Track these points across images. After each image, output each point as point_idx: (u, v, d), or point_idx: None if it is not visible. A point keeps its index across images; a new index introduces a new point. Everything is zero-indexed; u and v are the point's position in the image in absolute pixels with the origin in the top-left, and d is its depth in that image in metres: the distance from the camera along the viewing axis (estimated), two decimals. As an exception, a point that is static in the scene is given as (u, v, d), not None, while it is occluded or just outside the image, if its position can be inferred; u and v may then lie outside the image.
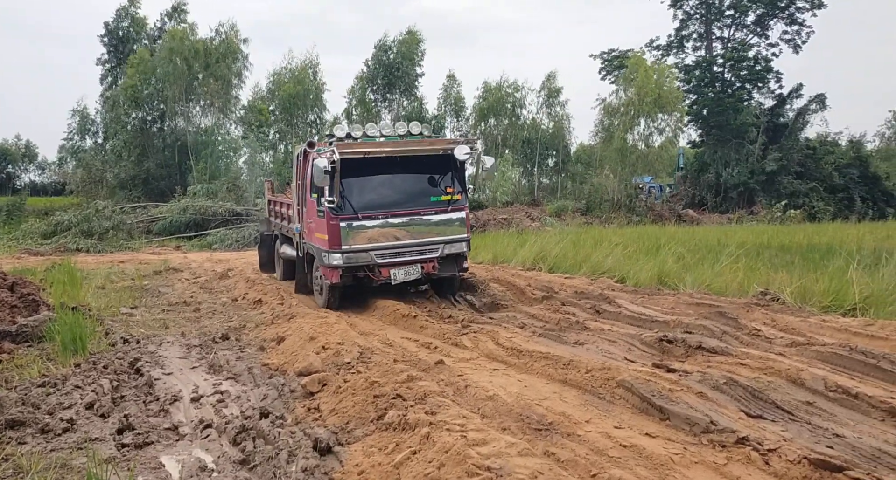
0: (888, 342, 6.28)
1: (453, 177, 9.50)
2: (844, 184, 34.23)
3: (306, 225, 9.94)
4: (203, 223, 23.75)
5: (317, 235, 9.34)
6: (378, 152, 8.98)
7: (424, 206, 9.26)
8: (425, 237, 9.21)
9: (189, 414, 5.26)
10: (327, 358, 6.37)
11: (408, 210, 9.15)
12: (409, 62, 36.68)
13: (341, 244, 8.84)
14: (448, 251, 9.33)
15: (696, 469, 3.85)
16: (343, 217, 8.86)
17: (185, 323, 9.08)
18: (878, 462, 3.84)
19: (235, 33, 32.99)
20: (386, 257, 9.05)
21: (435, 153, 9.36)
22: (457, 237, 9.39)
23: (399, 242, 9.07)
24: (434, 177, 9.45)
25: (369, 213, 8.97)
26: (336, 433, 4.56)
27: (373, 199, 9.07)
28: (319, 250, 9.18)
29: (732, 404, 4.90)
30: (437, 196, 9.35)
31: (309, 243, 9.85)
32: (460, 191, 9.49)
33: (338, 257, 8.85)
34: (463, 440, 3.93)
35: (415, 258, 9.17)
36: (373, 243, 8.95)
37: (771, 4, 38.95)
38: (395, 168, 9.21)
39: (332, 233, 8.83)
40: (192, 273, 14.79)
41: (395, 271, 9.06)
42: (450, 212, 9.35)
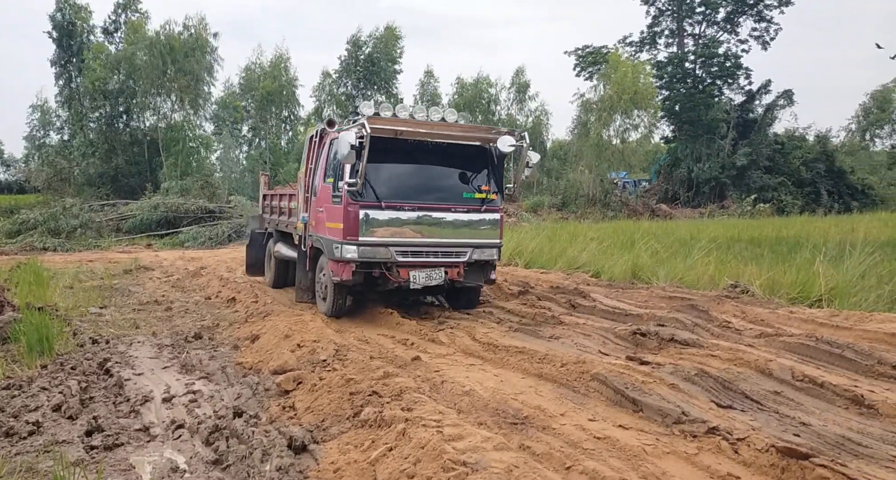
0: (852, 332, 6.46)
1: (489, 173, 8.39)
2: (811, 178, 35.07)
3: (315, 214, 8.73)
4: (175, 221, 23.37)
5: (328, 225, 8.15)
6: (413, 133, 7.80)
7: (456, 203, 8.09)
8: (453, 238, 8.07)
9: (160, 415, 5.17)
10: (302, 355, 6.32)
11: (437, 204, 7.99)
12: (388, 58, 36.49)
13: (358, 234, 7.68)
14: (477, 257, 8.18)
15: (668, 460, 3.92)
16: (363, 204, 7.68)
17: (156, 322, 8.92)
18: (841, 449, 3.95)
19: (204, 27, 32.40)
20: (407, 256, 7.88)
21: (472, 144, 8.29)
22: (488, 242, 8.25)
23: (424, 240, 7.92)
24: (468, 172, 8.34)
25: (393, 203, 7.78)
26: (311, 431, 4.52)
27: (399, 188, 7.91)
28: (330, 241, 7.99)
29: (703, 395, 4.98)
30: (471, 193, 8.20)
31: (317, 235, 8.59)
32: (495, 190, 8.33)
33: (352, 249, 7.69)
34: (439, 435, 3.93)
35: (439, 260, 8.02)
36: (394, 237, 7.81)
37: (740, 2, 39.64)
38: (426, 155, 8.08)
39: (349, 222, 7.68)
40: (164, 271, 14.53)
41: (416, 273, 7.91)
42: (483, 213, 8.20)
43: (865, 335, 6.30)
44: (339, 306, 8.28)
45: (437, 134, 7.89)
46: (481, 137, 8.24)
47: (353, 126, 7.53)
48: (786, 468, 3.65)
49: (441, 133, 7.89)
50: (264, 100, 34.16)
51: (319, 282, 8.69)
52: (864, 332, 6.38)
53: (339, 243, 7.77)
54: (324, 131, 8.67)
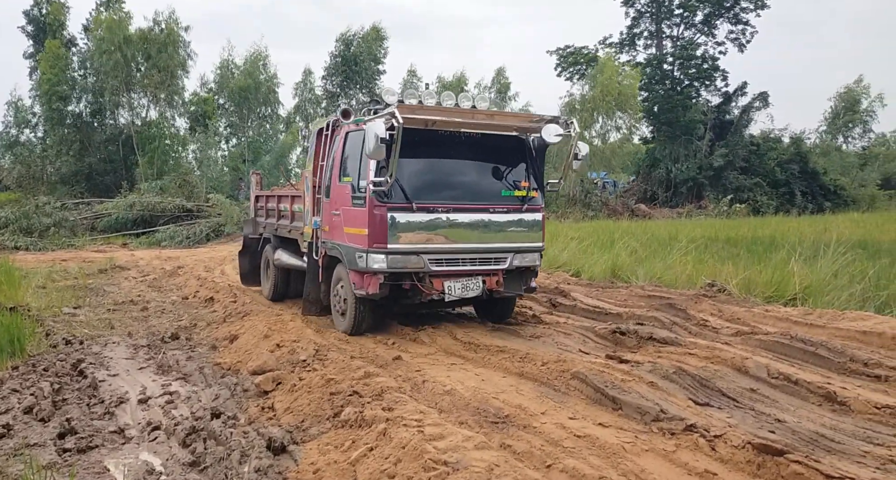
0: (825, 330, 6.59)
1: (529, 167, 7.49)
2: (786, 179, 35.73)
3: (329, 218, 7.65)
4: (151, 219, 23.04)
5: (347, 231, 7.14)
6: (446, 123, 6.90)
7: (494, 202, 7.17)
8: (492, 242, 7.13)
9: (136, 416, 5.08)
10: (282, 356, 6.26)
11: (474, 204, 7.07)
12: (372, 58, 36.29)
13: (387, 241, 6.69)
14: (518, 263, 7.26)
15: (647, 457, 3.95)
16: (391, 205, 6.70)
17: (132, 322, 8.78)
18: (815, 445, 4.03)
19: (175, 21, 31.89)
20: (441, 264, 6.92)
21: (509, 134, 7.44)
22: (530, 245, 7.34)
23: (460, 246, 6.98)
24: (506, 166, 7.41)
25: (426, 204, 6.82)
26: (291, 432, 4.48)
27: (431, 186, 7.00)
28: (352, 250, 6.97)
29: (681, 392, 5.04)
30: (510, 190, 7.28)
31: (332, 242, 7.54)
32: (535, 187, 7.46)
33: (380, 259, 6.69)
34: (420, 435, 3.92)
35: (477, 268, 7.09)
36: (426, 244, 6.85)
37: (717, 4, 40.23)
38: (459, 149, 7.20)
39: (375, 227, 6.71)
40: (140, 271, 14.31)
41: (452, 284, 6.96)
42: (524, 213, 7.28)
43: (838, 333, 6.43)
44: (361, 323, 7.24)
45: (473, 123, 6.98)
46: (522, 127, 7.33)
47: (381, 116, 6.47)
48: (761, 464, 3.71)
49: (478, 122, 6.97)
50: (239, 97, 33.75)
51: (336, 296, 7.57)
52: (837, 330, 6.52)
53: (364, 252, 6.78)
54: (336, 123, 7.68)
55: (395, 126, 6.25)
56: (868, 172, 40.24)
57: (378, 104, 7.05)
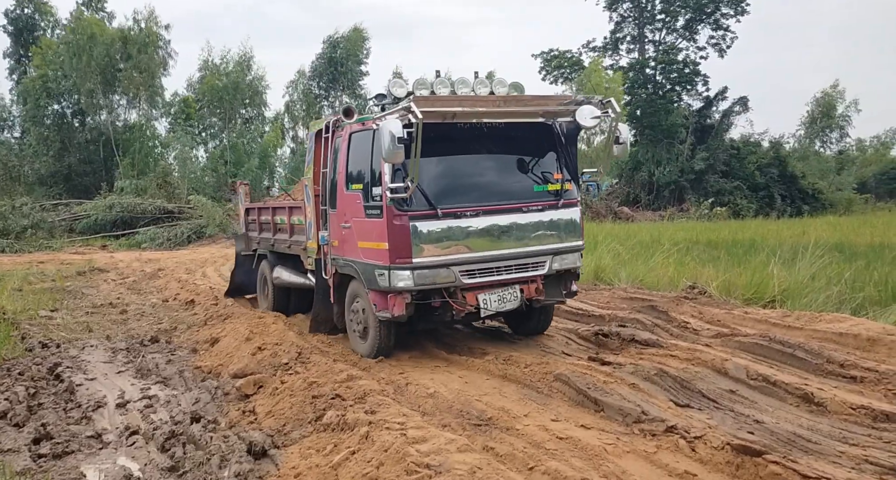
0: (803, 331, 6.68)
1: (560, 156, 6.63)
2: (765, 182, 36.23)
3: (338, 232, 6.75)
4: (132, 221, 22.75)
5: (362, 245, 6.29)
6: (468, 115, 5.97)
7: (527, 199, 6.35)
8: (528, 245, 6.31)
9: (114, 421, 5.01)
10: (264, 359, 6.22)
11: (505, 204, 6.24)
12: (354, 59, 36.21)
13: (411, 255, 5.85)
14: (557, 266, 6.44)
15: (628, 458, 3.98)
16: (414, 213, 5.87)
17: (110, 325, 8.65)
18: (793, 446, 4.09)
19: (155, 20, 31.56)
20: (475, 275, 6.10)
21: (534, 121, 6.54)
22: (569, 245, 6.51)
23: (493, 253, 6.15)
24: (535, 158, 6.60)
25: (452, 208, 5.99)
26: (272, 435, 4.45)
27: (455, 187, 6.20)
28: (370, 267, 6.11)
29: (662, 394, 5.09)
30: (543, 184, 6.48)
31: (344, 259, 6.65)
32: (569, 178, 6.63)
33: (405, 276, 5.86)
34: (402, 438, 3.91)
35: (513, 276, 6.26)
36: (457, 254, 6.02)
37: (698, 10, 40.74)
38: (482, 142, 6.39)
39: (397, 239, 5.84)
40: (119, 273, 14.12)
41: (487, 296, 6.16)
42: (561, 209, 6.47)
43: (815, 334, 6.53)
44: (385, 346, 6.39)
45: (498, 113, 6.13)
46: (551, 111, 6.41)
47: (394, 111, 5.71)
48: (740, 465, 3.75)
49: (503, 111, 6.10)
50: (220, 98, 33.43)
51: (354, 316, 6.71)
52: (815, 332, 6.61)
53: (385, 269, 5.92)
54: (337, 124, 6.88)
55: (412, 122, 5.43)
56: (844, 176, 40.95)
57: (384, 99, 6.44)
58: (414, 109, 5.41)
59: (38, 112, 30.68)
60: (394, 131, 5.34)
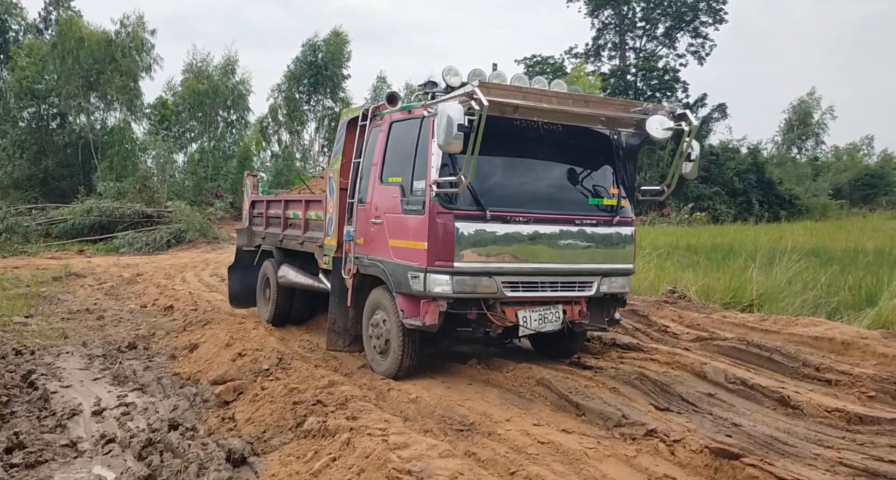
0: (780, 335, 6.79)
1: (617, 169, 6.12)
2: (743, 188, 36.81)
3: (365, 228, 6.22)
4: (110, 225, 22.40)
5: (394, 244, 5.75)
6: (531, 111, 5.38)
7: (582, 212, 5.80)
8: (578, 262, 5.75)
9: (90, 429, 4.92)
10: (244, 365, 6.15)
11: (559, 214, 5.68)
12: (336, 63, 36.15)
13: (453, 258, 5.28)
14: (605, 288, 5.87)
15: (609, 462, 4.01)
16: (460, 213, 5.31)
17: (87, 331, 8.51)
18: (769, 449, 4.15)
19: (142, 25, 31.30)
20: (518, 288, 5.54)
21: (594, 129, 6.04)
22: (620, 267, 5.96)
23: (540, 266, 5.60)
24: (591, 168, 6.07)
25: (502, 212, 5.44)
26: (251, 443, 4.40)
27: (508, 190, 5.65)
28: (402, 268, 5.56)
29: (643, 398, 5.13)
30: (599, 198, 5.97)
31: (370, 258, 6.08)
32: (624, 195, 6.10)
33: (444, 280, 5.28)
34: (384, 444, 3.90)
35: (558, 294, 5.71)
36: (502, 263, 5.45)
37: (678, 18, 41.40)
38: (539, 144, 5.85)
39: (438, 239, 5.29)
40: (97, 278, 13.90)
41: (528, 313, 5.58)
42: (615, 226, 5.91)
43: (791, 338, 6.64)
44: (408, 363, 5.80)
45: (564, 112, 5.51)
46: (615, 118, 5.82)
47: (455, 95, 5.12)
48: (718, 468, 3.80)
49: (571, 111, 5.48)
50: (201, 102, 33.17)
51: (373, 329, 6.07)
52: (791, 336, 6.73)
53: (421, 271, 5.35)
54: (376, 112, 6.38)
55: (474, 110, 4.85)
56: (820, 182, 41.78)
57: (435, 87, 5.96)
58: (478, 95, 4.82)
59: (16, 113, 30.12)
60: (454, 116, 4.80)
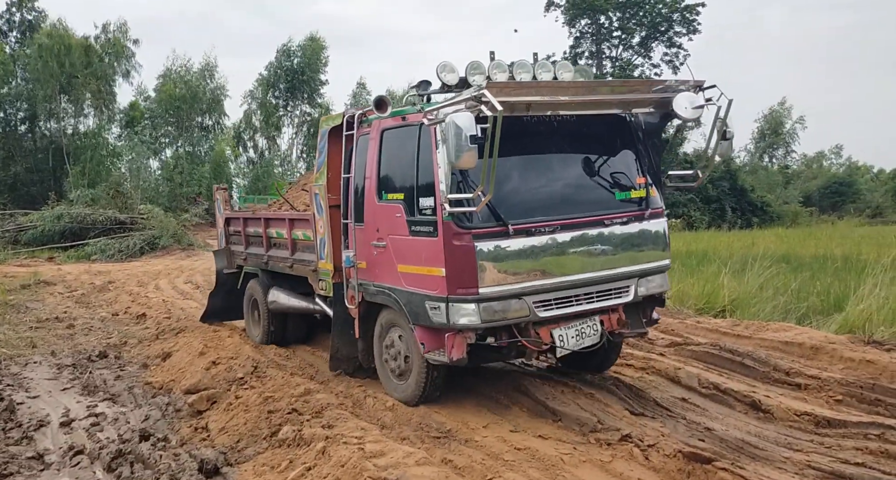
0: (751, 340, 6.91)
1: (641, 155, 5.49)
2: (717, 195, 37.46)
3: (367, 252, 5.50)
4: (81, 232, 21.91)
5: (405, 269, 5.08)
6: (545, 105, 4.74)
7: (610, 210, 5.18)
8: (612, 266, 5.09)
9: (57, 441, 4.81)
10: (218, 373, 6.08)
11: (586, 217, 5.04)
12: (313, 69, 36.06)
13: (476, 284, 4.63)
14: (644, 290, 5.27)
15: (584, 468, 4.04)
16: (480, 231, 4.65)
17: (56, 340, 8.32)
18: (741, 452, 4.22)
19: (124, 33, 31.06)
20: (551, 306, 4.89)
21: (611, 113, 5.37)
22: (656, 265, 5.35)
23: (571, 277, 4.93)
24: (612, 157, 5.43)
25: (526, 224, 4.78)
26: (225, 453, 4.35)
27: (528, 198, 5.03)
28: (418, 298, 4.93)
29: (618, 403, 5.18)
30: (626, 191, 5.33)
31: (375, 285, 5.46)
32: (651, 183, 5.47)
33: (470, 310, 4.65)
34: (360, 452, 3.88)
35: (594, 306, 5.07)
36: (530, 280, 4.80)
37: (653, 28, 42.15)
38: (554, 139, 5.19)
39: (457, 264, 4.65)
40: (67, 286, 13.60)
41: (563, 331, 4.96)
42: (647, 220, 5.29)
43: (763, 343, 6.76)
44: (433, 390, 5.22)
45: (582, 103, 4.90)
46: (639, 100, 5.19)
47: (459, 101, 4.44)
48: (691, 472, 3.85)
49: (584, 100, 4.87)
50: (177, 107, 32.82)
51: (389, 351, 5.48)
52: (762, 341, 6.85)
53: (442, 301, 4.71)
54: (363, 118, 5.67)
55: (487, 115, 4.22)
56: (791, 190, 42.72)
57: (429, 87, 5.40)
58: (490, 99, 4.15)
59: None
60: (465, 127, 4.18)
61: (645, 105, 5.27)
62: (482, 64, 5.09)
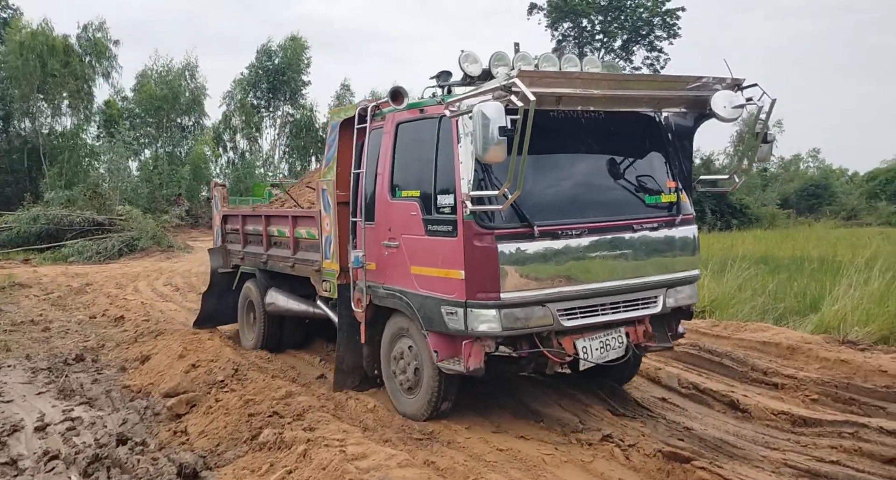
0: (730, 340, 7.01)
1: (671, 157, 5.18)
2: (698, 197, 37.90)
3: (378, 252, 5.22)
4: (58, 233, 21.54)
5: (418, 271, 4.83)
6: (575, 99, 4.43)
7: (639, 214, 4.91)
8: (639, 275, 4.81)
9: (31, 446, 4.72)
10: (198, 376, 6.00)
11: (614, 220, 4.76)
12: (294, 69, 35.87)
13: (499, 288, 4.36)
14: (672, 302, 4.96)
15: (566, 468, 4.06)
16: (503, 231, 4.39)
17: (31, 344, 8.17)
18: (719, 451, 4.29)
19: (105, 33, 30.70)
20: (576, 315, 4.61)
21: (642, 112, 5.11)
22: (686, 274, 5.05)
23: (598, 285, 4.65)
24: (641, 159, 5.14)
25: (552, 226, 4.51)
26: (204, 456, 4.30)
27: (555, 198, 4.75)
28: (432, 302, 4.66)
29: (600, 403, 5.22)
30: (657, 195, 5.05)
31: (385, 287, 5.17)
32: (681, 187, 5.16)
33: (490, 316, 4.38)
34: (342, 455, 3.86)
35: (620, 316, 4.78)
36: (555, 287, 4.51)
37: (634, 32, 42.60)
38: (581, 138, 4.92)
39: (477, 265, 4.38)
40: (43, 288, 13.36)
41: (587, 343, 4.65)
42: (678, 227, 4.99)
43: (741, 343, 6.86)
44: (445, 404, 4.95)
45: (609, 98, 4.56)
46: (673, 97, 4.82)
47: (487, 91, 4.18)
48: (671, 471, 3.90)
49: (617, 94, 4.56)
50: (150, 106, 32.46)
51: (398, 362, 5.20)
52: (740, 341, 6.94)
53: (459, 305, 4.44)
54: (376, 111, 5.38)
55: (517, 107, 3.91)
56: (769, 192, 43.40)
57: (450, 78, 5.09)
58: (521, 88, 3.87)
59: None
60: (494, 117, 3.88)
61: (677, 103, 4.96)
62: (506, 55, 4.87)
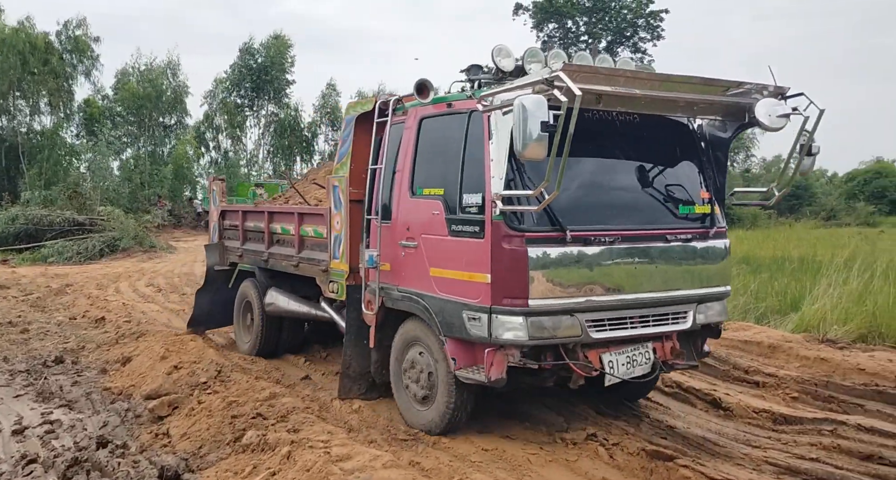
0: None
1: (705, 167, 4.96)
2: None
3: (394, 252, 4.99)
4: (37, 234, 21.19)
5: (439, 273, 4.58)
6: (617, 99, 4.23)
7: (673, 225, 4.69)
8: (670, 288, 4.56)
9: (9, 449, 4.64)
10: (180, 378, 5.94)
11: (648, 229, 4.54)
12: (278, 68, 35.66)
13: (527, 294, 4.11)
14: (702, 318, 4.70)
15: (551, 468, 4.08)
16: (533, 234, 4.15)
17: (9, 346, 8.02)
18: (701, 449, 4.33)
19: (86, 31, 30.33)
20: (604, 327, 4.35)
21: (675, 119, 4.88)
22: (716, 290, 4.79)
23: (628, 296, 4.40)
24: (674, 167, 4.91)
25: (585, 232, 4.28)
26: (186, 459, 4.25)
27: (589, 201, 4.54)
28: (453, 306, 4.42)
29: (584, 403, 5.25)
30: (691, 205, 4.81)
31: (400, 289, 4.94)
32: (714, 199, 4.96)
33: (517, 324, 4.12)
34: (326, 456, 3.84)
35: (648, 331, 4.52)
36: (585, 296, 4.26)
37: (618, 33, 42.97)
38: (616, 141, 4.71)
39: (507, 270, 4.14)
40: (22, 289, 13.13)
41: (614, 357, 4.39)
42: (711, 239, 4.77)
43: (723, 342, 6.92)
44: (461, 416, 4.66)
45: (651, 99, 4.28)
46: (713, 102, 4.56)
47: (527, 85, 3.94)
48: (654, 470, 3.93)
49: (659, 96, 4.26)
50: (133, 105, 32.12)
51: (410, 372, 4.91)
52: (722, 339, 6.98)
53: (483, 311, 4.20)
54: (397, 105, 5.18)
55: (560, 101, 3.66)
56: (751, 193, 44.03)
57: (479, 71, 4.84)
58: (566, 82, 3.64)
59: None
60: (536, 112, 3.64)
61: (715, 110, 4.73)
62: (539, 52, 4.65)
